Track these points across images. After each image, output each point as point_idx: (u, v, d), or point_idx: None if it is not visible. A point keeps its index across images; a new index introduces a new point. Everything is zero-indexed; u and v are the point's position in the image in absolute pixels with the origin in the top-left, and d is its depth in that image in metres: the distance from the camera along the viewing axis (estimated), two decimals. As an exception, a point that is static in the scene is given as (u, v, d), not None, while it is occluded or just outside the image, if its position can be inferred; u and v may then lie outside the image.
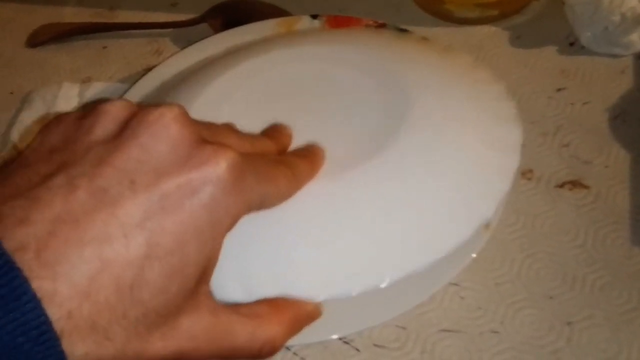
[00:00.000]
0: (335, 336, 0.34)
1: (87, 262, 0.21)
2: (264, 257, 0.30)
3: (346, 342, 0.35)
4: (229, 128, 0.29)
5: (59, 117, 0.26)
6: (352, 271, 0.30)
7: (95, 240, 0.21)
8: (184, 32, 0.55)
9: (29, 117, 0.48)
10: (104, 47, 0.56)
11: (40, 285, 0.20)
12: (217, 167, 0.24)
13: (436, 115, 0.35)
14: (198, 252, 0.24)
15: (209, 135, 0.26)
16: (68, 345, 0.20)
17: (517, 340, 0.34)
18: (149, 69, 0.47)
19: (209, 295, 0.26)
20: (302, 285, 0.29)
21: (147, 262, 0.22)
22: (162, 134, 0.24)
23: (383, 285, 0.30)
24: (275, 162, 0.29)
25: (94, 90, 0.50)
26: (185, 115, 0.25)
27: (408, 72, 0.37)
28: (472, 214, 0.32)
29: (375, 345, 0.35)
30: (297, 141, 0.34)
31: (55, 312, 0.20)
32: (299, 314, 0.29)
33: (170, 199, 0.23)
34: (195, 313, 0.25)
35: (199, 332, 0.25)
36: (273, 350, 0.27)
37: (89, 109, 0.26)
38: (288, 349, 0.35)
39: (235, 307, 0.27)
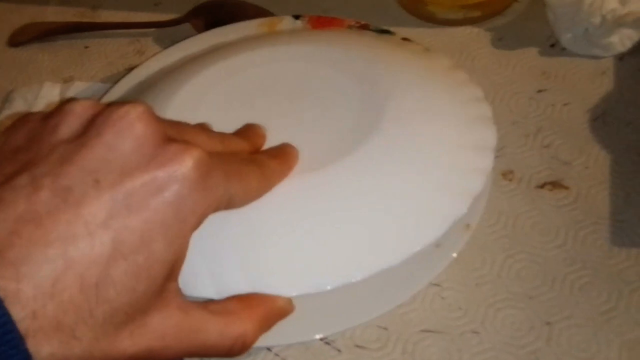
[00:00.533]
0: (316, 336, 0.34)
1: (51, 262, 0.21)
2: (235, 253, 0.30)
3: (327, 343, 0.35)
4: (198, 127, 0.29)
5: (24, 117, 0.26)
6: (325, 267, 0.30)
7: (60, 240, 0.21)
8: (166, 32, 0.55)
9: (10, 117, 0.47)
10: (86, 47, 0.55)
11: (4, 285, 0.20)
12: (183, 165, 0.24)
13: (412, 115, 0.35)
14: (164, 250, 0.23)
15: (175, 134, 0.26)
16: (33, 345, 0.20)
17: (497, 340, 0.34)
18: (131, 69, 0.47)
19: (178, 292, 0.26)
20: (274, 281, 0.29)
21: (113, 260, 0.22)
22: (127, 133, 0.24)
23: (356, 280, 0.30)
24: (245, 161, 0.29)
25: (76, 89, 0.49)
26: (150, 113, 0.24)
27: (386, 72, 0.38)
28: (445, 211, 0.32)
29: (357, 345, 0.35)
30: (273, 139, 0.34)
31: (19, 312, 0.20)
32: (270, 309, 0.29)
33: (135, 197, 0.23)
34: (164, 311, 0.24)
35: (168, 329, 0.24)
36: (244, 347, 0.27)
37: (55, 109, 0.25)
38: (269, 349, 0.35)
39: (205, 304, 0.27)
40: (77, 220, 0.22)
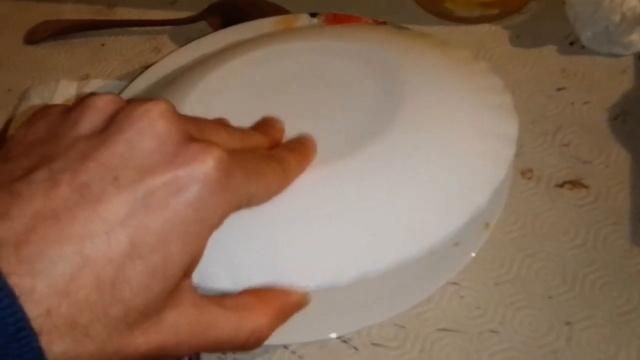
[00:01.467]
0: (333, 335, 0.34)
1: (67, 260, 0.21)
2: (251, 246, 0.29)
3: (344, 341, 0.35)
4: (218, 124, 0.29)
5: (44, 110, 0.26)
6: (342, 260, 0.29)
7: (76, 237, 0.21)
8: (182, 30, 0.55)
9: (26, 112, 0.47)
10: (102, 45, 0.55)
11: (19, 281, 0.20)
12: (204, 166, 0.23)
13: (431, 105, 0.35)
14: (182, 251, 0.23)
15: (196, 132, 0.25)
16: (46, 343, 0.20)
17: (516, 340, 0.34)
18: (147, 67, 0.47)
19: (191, 288, 0.25)
20: (290, 274, 0.29)
21: (129, 260, 0.22)
22: (148, 130, 0.23)
23: (373, 274, 0.29)
24: (264, 158, 0.29)
25: (92, 87, 0.49)
26: (172, 111, 0.24)
27: (403, 62, 0.37)
28: (466, 202, 0.31)
29: (374, 344, 0.35)
30: (291, 133, 0.33)
31: (33, 310, 0.20)
32: (285, 303, 0.28)
33: (155, 196, 0.23)
34: (178, 308, 0.24)
35: (181, 326, 0.24)
36: (259, 341, 0.27)
37: (76, 103, 0.25)
38: (286, 347, 0.35)
39: (219, 299, 0.26)
40: (95, 218, 0.22)
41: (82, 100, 0.25)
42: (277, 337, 0.34)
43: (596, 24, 0.46)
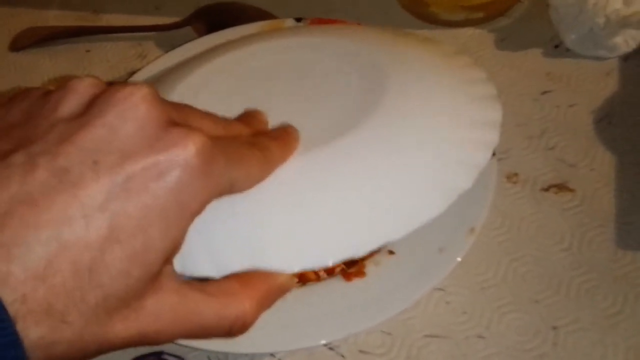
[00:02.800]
0: (320, 342, 0.34)
1: (44, 245, 0.20)
2: (234, 232, 0.29)
3: (331, 349, 0.35)
4: (201, 111, 0.28)
5: (24, 92, 0.25)
6: (326, 242, 0.29)
7: (54, 222, 0.21)
8: (168, 36, 0.54)
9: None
10: (88, 51, 0.55)
11: None
12: (186, 151, 0.23)
13: (414, 95, 0.34)
14: (162, 237, 0.23)
15: (179, 117, 0.25)
16: (22, 328, 0.20)
17: (503, 344, 0.34)
18: (133, 73, 0.47)
19: (172, 275, 0.25)
20: (275, 258, 0.28)
21: (108, 245, 0.22)
22: (129, 114, 0.23)
23: (357, 255, 0.29)
24: (247, 145, 0.28)
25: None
26: (154, 95, 0.24)
27: (386, 56, 0.37)
28: (450, 185, 0.31)
29: (361, 351, 0.35)
30: (274, 124, 0.33)
31: (9, 295, 0.20)
32: (270, 287, 0.28)
33: (135, 181, 0.22)
34: (158, 294, 0.24)
35: (162, 313, 0.24)
36: (244, 327, 0.26)
37: (56, 85, 0.25)
38: (273, 355, 0.35)
39: (202, 286, 0.26)
40: (73, 203, 0.21)
41: (63, 83, 0.24)
42: (263, 345, 0.34)
43: (580, 26, 0.46)
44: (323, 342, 0.34)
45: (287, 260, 0.29)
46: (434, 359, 0.34)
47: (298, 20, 0.47)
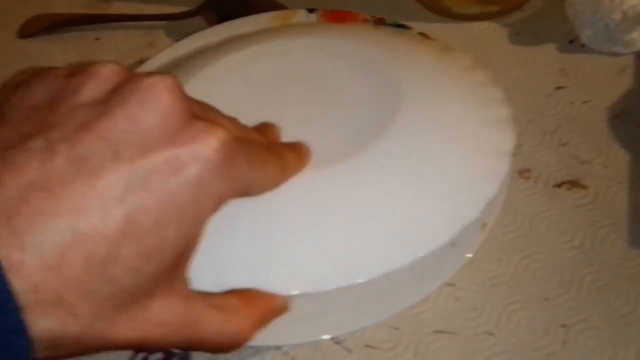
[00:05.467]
0: (326, 336, 0.33)
1: (59, 234, 0.20)
2: (237, 248, 0.29)
3: (337, 343, 0.34)
4: (220, 111, 0.28)
5: (45, 72, 0.25)
6: (328, 267, 0.29)
7: (70, 212, 0.20)
8: (178, 25, 0.54)
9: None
10: (97, 39, 0.55)
11: (7, 254, 0.19)
12: (207, 146, 0.23)
13: (427, 114, 0.34)
14: (178, 234, 0.23)
15: (201, 112, 0.24)
16: (32, 319, 0.20)
17: (512, 342, 0.34)
18: (142, 62, 0.46)
19: (184, 281, 0.25)
20: (277, 278, 0.28)
21: (123, 239, 0.21)
22: (152, 105, 0.22)
23: (359, 282, 0.29)
24: (266, 149, 0.28)
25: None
26: (178, 86, 0.23)
27: (402, 67, 0.37)
28: (456, 215, 0.31)
29: (367, 346, 0.34)
30: (285, 133, 0.33)
31: (21, 284, 0.19)
32: (267, 308, 0.28)
33: (155, 174, 0.22)
34: (168, 298, 0.24)
35: (169, 318, 0.24)
36: (238, 345, 0.26)
37: (79, 68, 0.24)
38: (278, 348, 0.34)
39: (206, 297, 0.26)
40: (91, 193, 0.21)
41: (86, 67, 0.24)
42: (269, 338, 0.33)
43: (596, 22, 0.46)
44: (329, 336, 0.33)
45: (287, 282, 0.28)
46: (442, 355, 0.33)
47: (310, 11, 0.47)
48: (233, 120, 0.28)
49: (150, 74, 0.23)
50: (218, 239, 0.28)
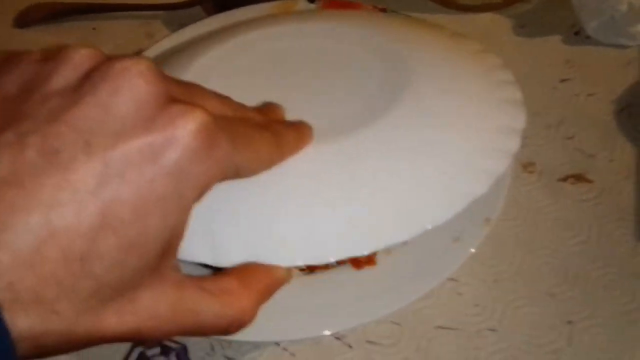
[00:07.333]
0: (327, 332, 0.33)
1: (33, 230, 0.19)
2: (237, 218, 0.28)
3: (338, 338, 0.34)
4: (210, 90, 0.27)
5: (17, 57, 0.23)
6: (330, 239, 0.28)
7: (44, 207, 0.20)
8: (176, 15, 0.53)
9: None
10: (94, 29, 0.54)
11: None
12: (184, 130, 0.21)
13: (436, 92, 0.33)
14: (159, 225, 0.22)
15: (182, 95, 0.23)
16: (10, 317, 0.19)
17: (516, 339, 0.33)
18: (140, 52, 0.45)
19: (175, 269, 0.24)
20: (276, 250, 0.27)
21: (101, 233, 0.20)
22: (125, 91, 0.21)
23: (362, 255, 0.28)
24: (258, 127, 0.27)
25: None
26: (153, 70, 0.22)
27: (410, 50, 0.36)
28: (464, 190, 0.30)
29: (369, 341, 0.34)
30: (289, 114, 0.32)
31: None
32: (269, 282, 0.27)
33: (130, 164, 0.21)
34: (158, 288, 0.23)
35: (161, 308, 0.23)
36: (242, 325, 0.26)
37: (51, 52, 0.23)
38: (277, 344, 0.34)
39: (201, 283, 0.25)
40: (65, 187, 0.20)
41: (60, 51, 0.23)
42: (268, 334, 0.33)
43: (602, 13, 0.45)
44: (330, 331, 0.33)
45: (289, 254, 0.28)
46: (444, 351, 0.33)
47: (311, 1, 0.46)
48: (224, 100, 0.27)
49: (124, 57, 0.22)
50: (215, 210, 0.27)
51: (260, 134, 0.26)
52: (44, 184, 0.20)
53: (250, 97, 0.31)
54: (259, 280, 0.26)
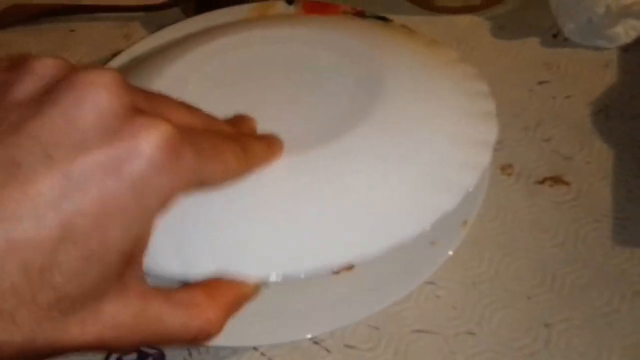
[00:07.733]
0: (305, 336, 0.33)
1: None
2: (206, 230, 0.28)
3: (316, 343, 0.34)
4: (178, 101, 0.27)
5: None
6: (299, 253, 0.28)
7: (2, 220, 0.19)
8: (155, 16, 0.53)
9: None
10: (72, 30, 0.54)
11: None
12: (146, 143, 0.21)
13: (409, 104, 0.33)
14: (121, 237, 0.22)
15: (148, 106, 0.23)
16: None
17: (494, 341, 0.33)
18: (117, 54, 0.45)
19: (140, 280, 0.24)
20: (244, 265, 0.27)
21: (61, 245, 0.20)
22: (89, 102, 0.21)
23: (333, 268, 0.28)
24: (225, 139, 0.26)
25: (59, 74, 0.48)
26: (118, 81, 0.22)
27: (385, 58, 0.36)
28: (434, 204, 0.30)
29: (347, 345, 0.34)
30: (261, 122, 0.32)
31: None
32: (235, 296, 0.27)
33: (91, 176, 0.21)
34: (122, 298, 0.23)
35: (124, 319, 0.23)
36: (208, 337, 0.25)
37: (16, 62, 0.23)
38: (255, 349, 0.34)
39: (167, 293, 0.25)
40: (23, 200, 0.20)
41: (23, 61, 0.23)
42: (246, 339, 0.33)
43: (580, 15, 0.45)
44: (308, 336, 0.33)
45: (258, 267, 0.27)
46: (423, 355, 0.33)
47: (289, 2, 0.46)
48: (192, 111, 0.27)
49: (89, 69, 0.22)
50: (184, 221, 0.27)
51: (228, 146, 0.26)
52: (3, 197, 0.20)
53: (221, 105, 0.31)
54: (226, 293, 0.26)
